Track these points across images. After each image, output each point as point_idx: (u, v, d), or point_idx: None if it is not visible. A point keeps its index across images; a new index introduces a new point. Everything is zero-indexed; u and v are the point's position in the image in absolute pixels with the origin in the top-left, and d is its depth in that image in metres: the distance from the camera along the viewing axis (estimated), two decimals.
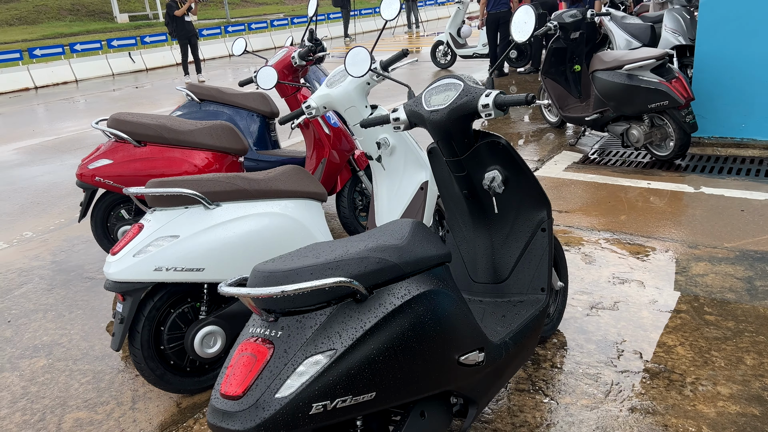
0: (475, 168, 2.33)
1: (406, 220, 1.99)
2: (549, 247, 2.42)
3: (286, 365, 1.51)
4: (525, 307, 2.37)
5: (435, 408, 1.87)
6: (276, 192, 2.65)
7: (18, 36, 29.49)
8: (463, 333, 1.86)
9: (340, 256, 1.67)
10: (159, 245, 2.39)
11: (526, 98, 2.10)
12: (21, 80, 14.01)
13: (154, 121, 3.55)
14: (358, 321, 1.61)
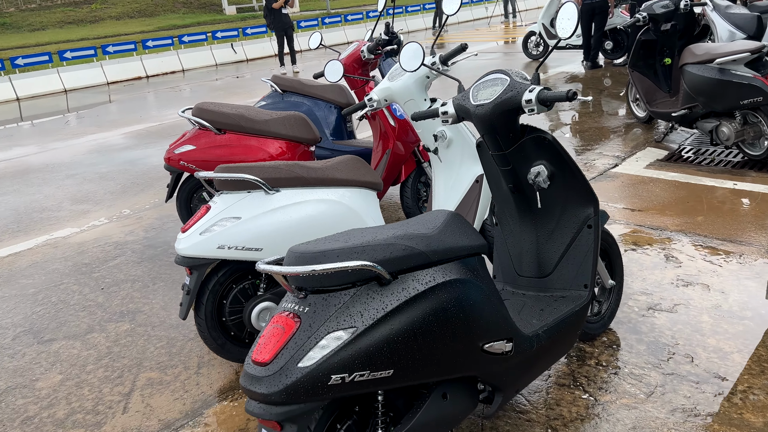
0: (521, 162, 2.36)
1: (443, 211, 2.08)
2: (594, 245, 2.41)
3: (309, 338, 1.65)
4: (565, 303, 2.38)
5: (458, 391, 1.95)
6: (332, 180, 2.80)
7: (136, 28, 31.64)
8: (489, 322, 1.92)
9: (368, 241, 1.78)
10: (223, 225, 2.60)
11: (567, 94, 2.11)
12: (134, 70, 15.11)
13: (233, 110, 3.80)
14: (380, 303, 1.72)
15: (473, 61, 12.29)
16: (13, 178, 6.67)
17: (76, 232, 4.80)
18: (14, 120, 10.70)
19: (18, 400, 2.74)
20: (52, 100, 12.91)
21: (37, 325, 3.40)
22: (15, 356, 3.11)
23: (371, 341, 1.67)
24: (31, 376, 2.92)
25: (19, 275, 4.09)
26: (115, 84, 14.56)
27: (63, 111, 11.16)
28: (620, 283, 2.91)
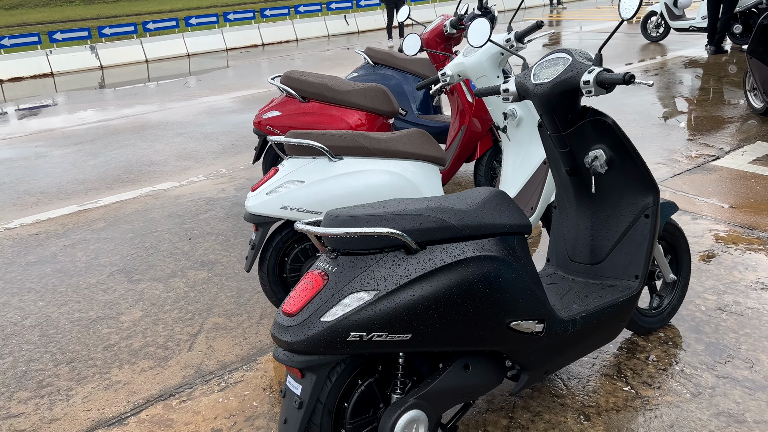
0: (579, 145, 2.32)
1: (488, 188, 2.10)
2: (650, 235, 2.33)
3: (333, 295, 1.75)
4: (613, 292, 2.33)
5: (482, 364, 1.99)
6: (395, 152, 2.87)
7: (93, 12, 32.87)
8: (518, 301, 1.94)
9: (401, 210, 1.85)
10: (288, 187, 2.76)
11: (624, 77, 2.04)
12: (252, 37, 15.80)
13: (318, 80, 3.95)
14: (405, 269, 1.79)
15: (587, 40, 11.77)
16: (131, 133, 7.28)
17: (175, 186, 5.20)
18: (143, 80, 11.60)
19: (104, 329, 3.08)
20: (176, 63, 13.82)
21: (130, 265, 3.77)
22: (107, 291, 3.48)
23: (392, 305, 1.75)
24: (118, 310, 3.26)
25: (122, 221, 4.52)
26: (233, 50, 15.33)
27: (185, 74, 11.95)
28: (686, 278, 2.78)
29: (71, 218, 4.66)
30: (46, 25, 26.54)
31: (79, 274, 3.70)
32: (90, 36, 14.62)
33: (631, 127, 5.86)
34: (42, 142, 7.23)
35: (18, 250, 4.15)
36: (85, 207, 4.89)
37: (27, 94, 11.05)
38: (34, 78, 13.23)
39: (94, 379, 2.68)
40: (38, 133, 7.71)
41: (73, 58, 13.76)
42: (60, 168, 6.05)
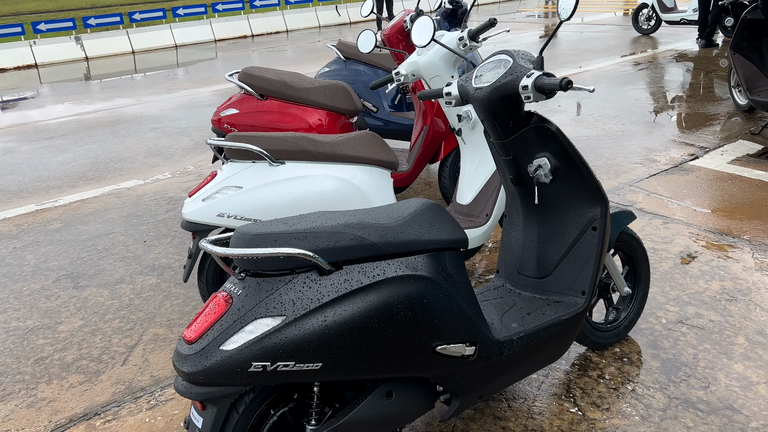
0: (523, 153, 2.17)
1: (419, 200, 1.95)
2: (598, 249, 2.19)
3: (235, 321, 1.61)
4: (557, 309, 2.19)
5: (407, 391, 1.85)
6: (340, 156, 2.72)
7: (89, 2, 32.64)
8: (445, 323, 1.80)
9: (316, 227, 1.70)
10: (225, 194, 2.62)
11: (560, 83, 1.89)
12: (241, 28, 15.59)
13: (276, 77, 3.80)
14: (317, 292, 1.64)
15: (579, 34, 11.59)
16: (104, 128, 7.12)
17: (139, 185, 5.06)
18: (128, 72, 11.41)
19: (39, 340, 2.95)
20: (163, 54, 13.63)
21: (78, 270, 3.63)
22: (50, 298, 3.34)
23: (300, 332, 1.61)
24: (57, 319, 3.12)
25: (79, 221, 4.38)
26: (222, 41, 15.13)
27: (172, 66, 11.76)
28: (645, 290, 2.65)
29: (27, 218, 4.52)
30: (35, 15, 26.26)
31: (25, 279, 3.57)
32: (75, 27, 14.40)
33: (611, 124, 5.71)
34: (12, 136, 7.07)
35: None
36: (43, 206, 4.74)
37: (8, 86, 10.87)
38: (17, 69, 13.05)
39: (19, 396, 2.55)
40: (10, 128, 7.55)
41: (58, 49, 13.56)
42: (26, 165, 5.89)
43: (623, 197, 4.08)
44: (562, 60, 9.06)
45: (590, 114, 6.13)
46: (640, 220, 3.73)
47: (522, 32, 12.41)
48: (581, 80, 7.61)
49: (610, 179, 4.41)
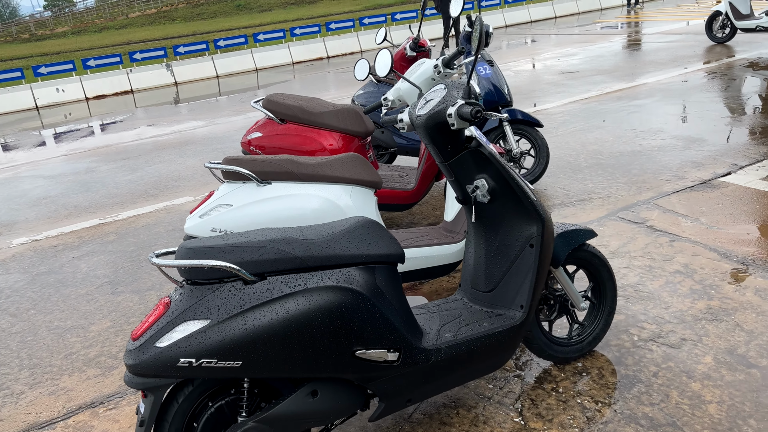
0: (463, 175, 2.32)
1: (358, 218, 2.16)
2: (535, 265, 2.30)
3: (168, 322, 1.88)
4: (496, 321, 2.32)
5: (333, 391, 2.05)
6: (322, 177, 2.97)
7: (350, 7, 33.89)
8: (364, 330, 1.99)
9: (245, 242, 1.95)
10: (218, 211, 2.93)
11: (471, 113, 2.05)
12: (317, 50, 16.29)
13: (295, 102, 4.11)
14: (240, 299, 1.89)
15: (648, 44, 11.26)
16: (173, 148, 7.77)
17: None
18: (212, 95, 12.28)
19: (72, 338, 3.38)
20: (244, 78, 14.50)
21: (119, 278, 4.08)
22: (90, 302, 3.79)
23: (222, 334, 1.86)
24: (91, 320, 3.55)
25: (130, 234, 4.88)
26: (299, 64, 15.87)
27: (252, 88, 12.52)
28: (611, 308, 2.69)
29: (90, 231, 5.08)
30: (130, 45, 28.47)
31: (74, 285, 4.06)
32: (166, 55, 15.62)
33: (650, 139, 5.61)
34: (96, 157, 7.87)
35: (35, 261, 4.59)
36: (105, 221, 5.31)
37: (106, 111, 11.99)
38: (116, 95, 14.33)
39: (45, 385, 2.96)
40: (97, 149, 8.39)
41: (151, 75, 14.76)
42: (100, 183, 6.57)
43: (637, 214, 4.06)
44: (622, 73, 8.88)
45: (632, 129, 6.03)
46: (645, 238, 3.71)
47: (590, 45, 12.20)
48: (635, 94, 7.46)
49: (630, 196, 4.38)
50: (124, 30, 50.84)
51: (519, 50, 12.99)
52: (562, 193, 4.61)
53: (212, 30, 31.63)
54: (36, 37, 55.73)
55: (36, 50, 34.45)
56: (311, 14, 38.22)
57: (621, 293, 3.14)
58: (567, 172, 5.08)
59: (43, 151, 8.80)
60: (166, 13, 57.82)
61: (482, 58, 4.84)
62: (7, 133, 10.88)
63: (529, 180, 4.76)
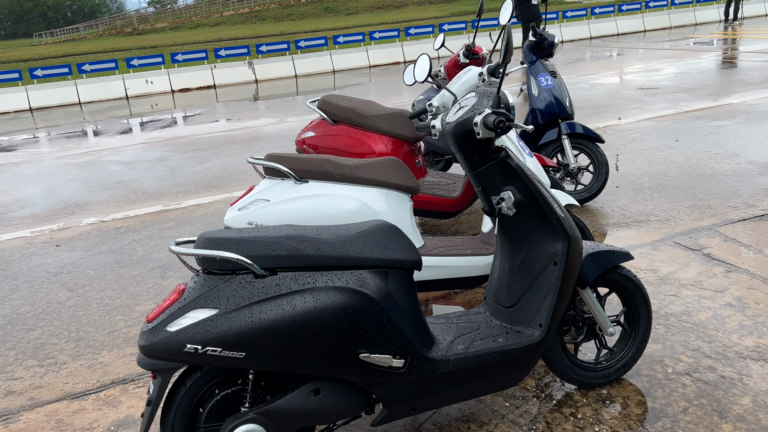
0: (490, 186, 2.28)
1: (377, 221, 2.16)
2: (557, 284, 2.22)
3: (180, 308, 1.94)
4: (512, 338, 2.25)
5: (336, 391, 2.05)
6: (359, 179, 2.98)
7: (435, 13, 34.08)
8: (370, 334, 1.98)
9: (260, 236, 1.99)
10: (256, 205, 3.00)
11: (493, 123, 2.00)
12: (395, 55, 16.41)
13: (348, 104, 4.16)
14: (249, 292, 1.93)
15: (741, 63, 10.65)
16: (242, 143, 8.03)
17: None
18: (290, 94, 12.62)
19: (118, 316, 3.55)
20: (322, 78, 14.80)
21: (169, 263, 4.26)
22: (140, 284, 3.97)
23: (228, 324, 1.90)
24: (137, 301, 3.72)
25: (188, 222, 5.08)
26: (375, 68, 16.03)
27: (328, 89, 12.78)
28: (644, 335, 2.56)
29: (152, 216, 5.33)
30: (215, 42, 29.56)
31: (129, 266, 4.26)
32: (249, 53, 16.16)
33: (724, 162, 5.30)
34: (171, 147, 8.24)
35: (99, 240, 4.85)
36: (168, 207, 5.55)
37: (189, 104, 12.55)
38: (199, 89, 14.95)
39: (85, 358, 3.13)
40: (173, 139, 8.78)
41: (234, 72, 15.32)
42: (169, 171, 6.88)
43: (695, 240, 3.84)
44: (706, 92, 8.44)
45: (705, 151, 5.72)
46: (699, 266, 3.50)
47: (677, 60, 11.66)
48: (716, 114, 7.07)
49: (692, 221, 4.15)
50: (217, 27, 53.05)
51: (600, 63, 12.60)
52: (618, 213, 4.43)
53: (298, 31, 32.47)
54: (137, 32, 59.12)
55: (135, 44, 36.51)
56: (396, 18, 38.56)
57: (662, 321, 2.98)
58: (628, 191, 4.88)
59: (126, 138, 9.30)
60: (257, 13, 59.90)
61: (545, 68, 4.73)
62: (99, 119, 11.58)
63: (585, 197, 4.61)
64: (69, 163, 7.81)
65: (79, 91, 14.31)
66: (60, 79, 15.21)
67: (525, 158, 3.01)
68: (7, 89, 14.09)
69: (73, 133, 10.17)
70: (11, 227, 5.41)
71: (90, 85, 14.42)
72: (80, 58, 25.29)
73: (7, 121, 12.61)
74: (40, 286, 4.06)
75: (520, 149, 3.02)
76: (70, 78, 15.16)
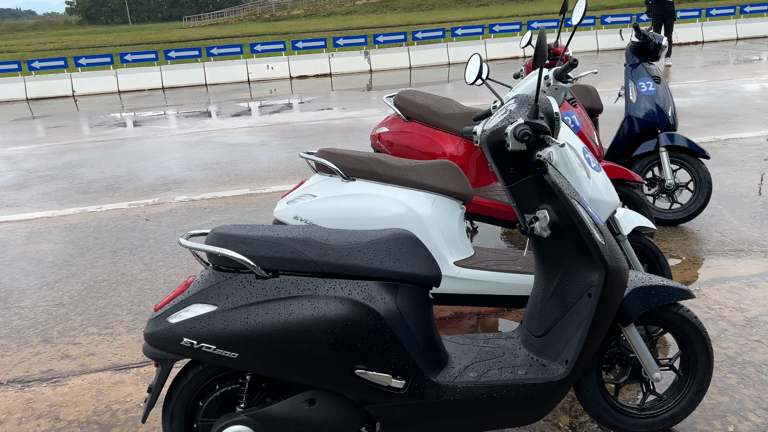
0: (525, 202, 2.07)
1: (396, 230, 2.05)
2: (590, 318, 1.98)
3: (182, 301, 1.94)
4: (534, 371, 2.04)
5: (331, 404, 1.96)
6: (407, 181, 2.85)
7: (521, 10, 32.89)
8: (370, 349, 1.87)
9: (268, 236, 1.94)
10: (303, 200, 2.97)
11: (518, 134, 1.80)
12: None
13: (423, 101, 4.02)
14: (248, 292, 1.89)
15: None
16: (339, 133, 8.11)
17: None
18: (404, 85, 12.64)
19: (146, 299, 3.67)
20: (437, 71, 14.66)
21: None
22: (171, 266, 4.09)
23: (225, 322, 1.87)
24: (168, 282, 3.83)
25: (268, 208, 5.19)
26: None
27: (441, 81, 12.65)
28: (700, 385, 2.24)
29: (237, 199, 5.51)
30: (333, 32, 30.09)
31: None
32: (366, 42, 16.34)
33: None
34: (274, 133, 8.50)
35: (184, 218, 5.09)
36: (254, 192, 5.71)
37: (305, 90, 12.92)
38: (316, 77, 15.35)
39: (137, 332, 3.27)
40: (277, 125, 9.06)
41: (350, 61, 15.56)
42: (266, 156, 7.09)
43: None
44: None
45: None
46: None
47: None
48: None
49: None
50: (348, 16, 54.36)
51: (741, 68, 11.44)
52: (717, 238, 3.96)
53: (424, 21, 32.44)
54: (275, 18, 62.00)
55: (270, 29, 38.23)
56: (522, 12, 37.45)
57: (737, 370, 2.61)
58: (735, 214, 4.36)
59: (236, 120, 9.73)
60: (388, 3, 60.67)
61: (647, 72, 4.32)
62: (219, 101, 12.22)
63: (681, 217, 4.17)
64: (179, 142, 8.29)
65: (206, 74, 15.19)
66: (191, 61, 16.22)
67: (589, 172, 2.73)
68: (144, 69, 15.25)
69: (192, 113, 10.80)
70: (114, 198, 5.82)
71: (216, 68, 15.26)
72: (212, 42, 26.75)
73: (141, 98, 13.65)
74: (121, 257, 4.31)
75: (584, 162, 2.75)
76: (199, 61, 16.12)
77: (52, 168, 7.27)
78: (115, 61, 15.90)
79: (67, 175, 6.85)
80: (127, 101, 13.19)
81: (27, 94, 14.71)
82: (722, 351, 2.76)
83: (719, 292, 3.29)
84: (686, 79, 10.65)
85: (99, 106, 12.59)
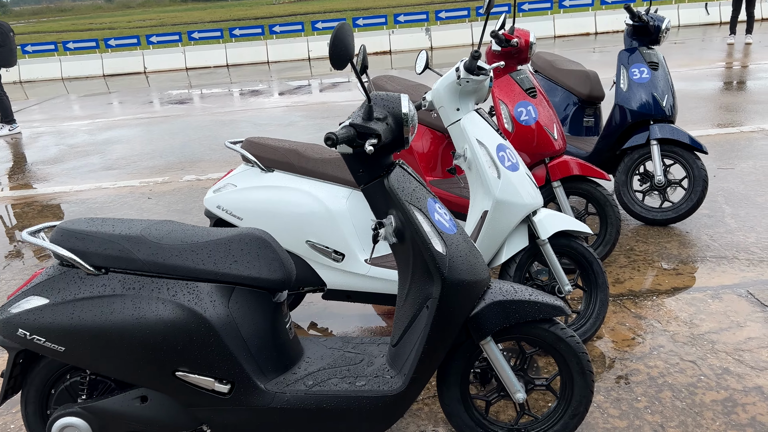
0: (375, 207, 1.96)
1: (243, 230, 2.00)
2: (425, 332, 1.85)
3: (24, 291, 1.98)
4: (372, 383, 1.94)
5: (161, 404, 1.95)
6: (321, 174, 2.77)
7: None
8: (191, 352, 1.85)
9: (102, 233, 1.94)
10: (226, 189, 2.95)
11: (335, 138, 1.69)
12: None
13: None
14: (77, 288, 1.90)
15: None
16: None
17: None
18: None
19: None
20: None
21: None
22: None
23: (53, 316, 1.89)
24: None
25: None
26: None
27: None
28: (576, 409, 2.05)
29: None
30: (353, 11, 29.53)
31: None
32: (427, 19, 16.01)
33: None
34: (307, 113, 8.53)
35: (182, 198, 5.22)
36: None
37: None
38: (375, 54, 15.24)
39: None
40: (313, 104, 9.09)
41: (410, 38, 15.33)
42: (292, 136, 7.12)
43: None
44: None
45: None
46: (759, 330, 2.72)
47: None
48: None
49: None
50: None
51: None
52: (704, 242, 3.61)
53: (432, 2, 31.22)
54: None
55: (319, 8, 38.06)
56: None
57: (652, 393, 2.38)
58: (737, 215, 3.95)
59: (278, 99, 9.84)
60: None
61: (643, 58, 3.96)
62: (272, 78, 12.41)
63: (670, 217, 3.83)
64: (214, 120, 8.50)
65: (268, 51, 15.45)
66: (254, 38, 16.53)
67: (500, 172, 2.53)
68: (210, 46, 15.72)
69: (243, 91, 11.03)
70: (128, 176, 6.06)
71: (278, 46, 15.48)
72: (273, 20, 26.89)
73: (204, 75, 14.08)
74: None
75: (495, 161, 2.54)
76: (262, 38, 16.40)
77: (92, 144, 7.67)
78: (184, 39, 16.47)
79: (101, 151, 7.20)
80: (193, 78, 13.64)
81: (104, 70, 15.54)
82: (646, 370, 2.52)
83: (677, 303, 3.00)
84: (764, 59, 9.72)
85: (165, 83, 13.11)
